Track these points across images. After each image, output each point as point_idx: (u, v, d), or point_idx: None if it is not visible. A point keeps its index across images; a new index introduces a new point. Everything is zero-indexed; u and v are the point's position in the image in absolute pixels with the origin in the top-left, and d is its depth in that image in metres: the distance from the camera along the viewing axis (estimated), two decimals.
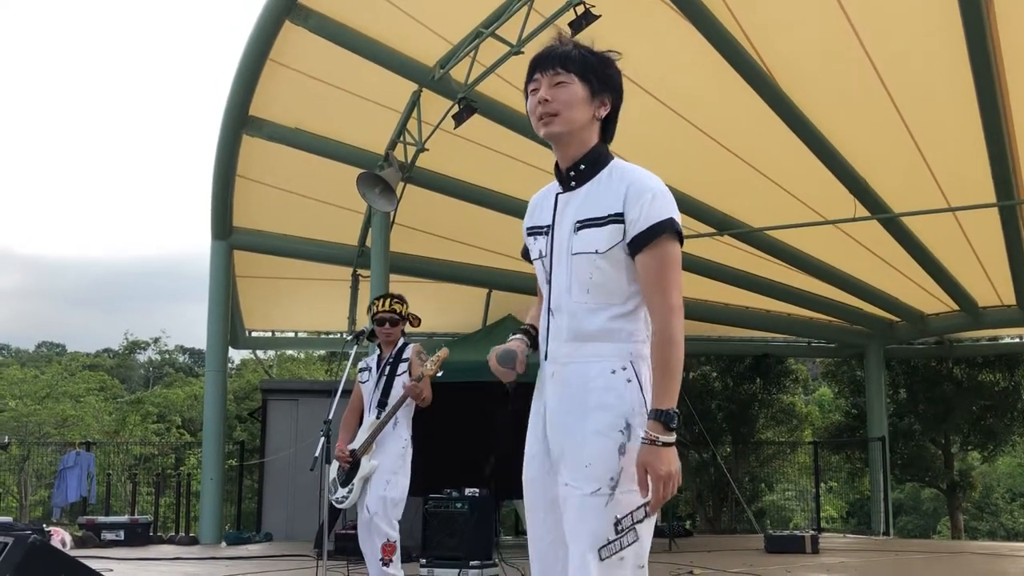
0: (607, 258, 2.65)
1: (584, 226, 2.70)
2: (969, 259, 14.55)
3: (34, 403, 28.46)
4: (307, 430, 14.50)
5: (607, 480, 2.57)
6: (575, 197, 2.77)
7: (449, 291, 16.41)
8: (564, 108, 2.74)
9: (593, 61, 2.80)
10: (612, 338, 2.66)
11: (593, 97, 2.76)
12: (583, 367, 2.67)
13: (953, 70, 9.91)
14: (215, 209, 14.53)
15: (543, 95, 2.79)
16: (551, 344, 2.75)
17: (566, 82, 2.76)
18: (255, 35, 11.37)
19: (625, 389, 2.63)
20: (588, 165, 2.76)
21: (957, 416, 20.97)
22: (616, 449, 2.58)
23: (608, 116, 2.81)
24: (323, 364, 34.65)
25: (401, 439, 5.79)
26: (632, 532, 2.58)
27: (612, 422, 2.60)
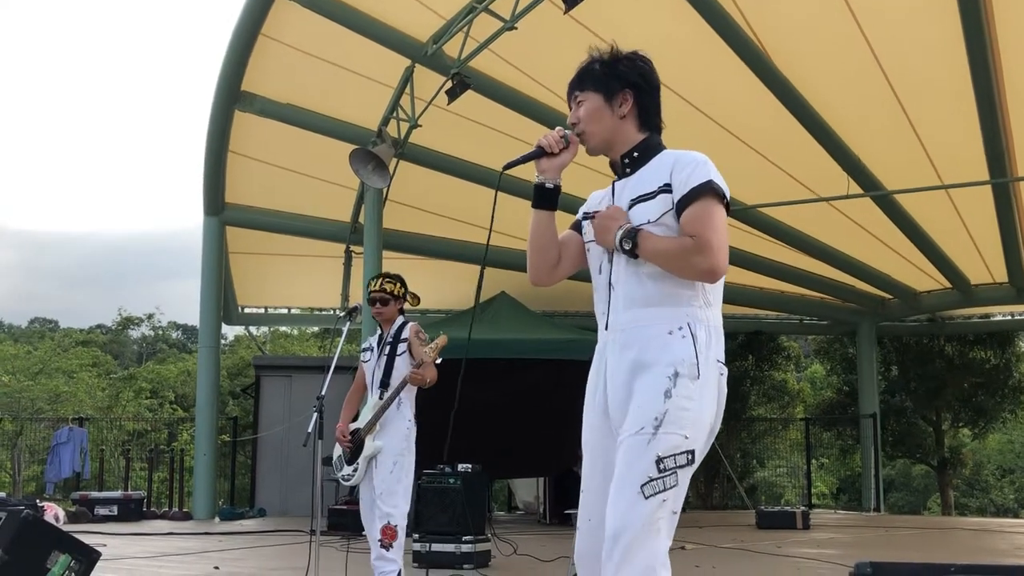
0: (659, 226, 2.80)
1: (638, 202, 2.87)
2: (962, 237, 14.58)
3: (27, 379, 28.41)
4: (300, 406, 14.52)
5: (651, 420, 2.67)
6: (629, 182, 2.93)
7: (442, 268, 16.41)
8: (587, 123, 2.95)
9: (600, 69, 2.98)
10: (667, 303, 2.80)
11: (610, 100, 2.94)
12: (640, 331, 2.80)
13: (947, 47, 9.90)
14: (207, 185, 14.49)
15: (570, 119, 3.00)
16: (612, 315, 2.88)
17: (584, 100, 2.97)
18: (247, 10, 11.30)
19: (678, 343, 2.76)
20: (640, 152, 2.94)
21: (948, 393, 21.07)
22: (662, 392, 2.70)
23: (640, 108, 2.96)
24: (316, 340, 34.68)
25: (405, 419, 5.80)
26: (674, 475, 2.66)
27: (661, 370, 2.72)
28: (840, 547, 10.22)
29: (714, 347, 2.84)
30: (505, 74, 11.47)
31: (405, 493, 5.74)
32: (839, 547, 10.21)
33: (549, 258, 3.04)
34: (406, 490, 5.75)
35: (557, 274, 3.09)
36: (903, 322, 20.07)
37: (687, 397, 2.71)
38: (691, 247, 2.75)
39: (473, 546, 8.14)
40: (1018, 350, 21.57)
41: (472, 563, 8.06)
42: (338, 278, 16.21)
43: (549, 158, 2.93)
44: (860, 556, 4.40)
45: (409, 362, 5.81)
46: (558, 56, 11.18)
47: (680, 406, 2.69)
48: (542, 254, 3.04)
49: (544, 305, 16.75)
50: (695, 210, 2.79)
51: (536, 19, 9.63)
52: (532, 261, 3.06)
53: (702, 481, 21.36)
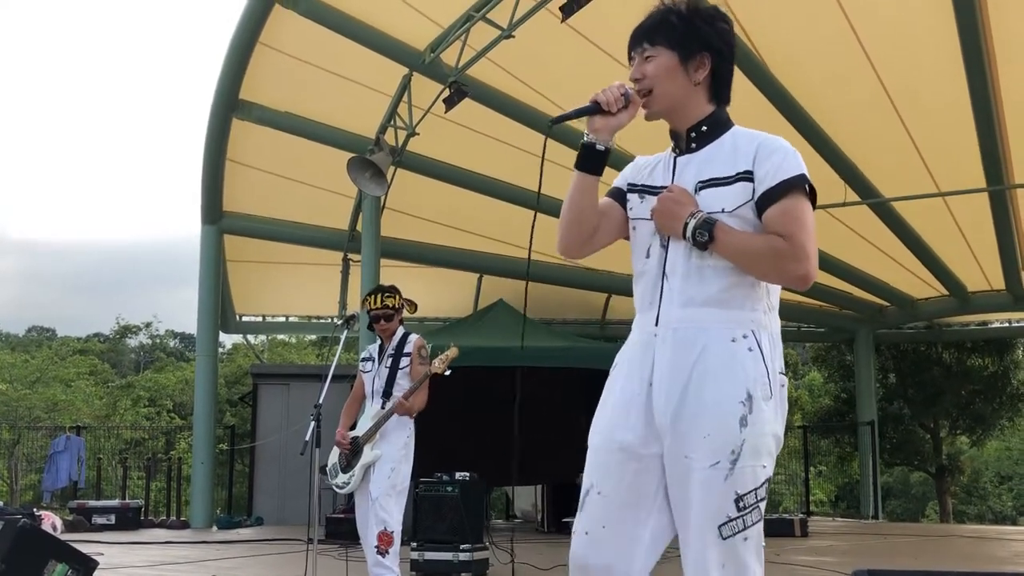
0: (734, 217, 2.50)
1: (708, 185, 2.55)
2: (959, 244, 14.59)
3: (24, 387, 28.40)
4: (298, 415, 14.51)
5: (727, 453, 2.41)
6: (695, 159, 2.62)
7: (440, 276, 16.42)
8: (656, 82, 2.61)
9: (680, 25, 2.64)
10: (731, 304, 2.53)
11: (686, 63, 2.62)
12: (699, 333, 2.51)
13: (944, 55, 9.92)
14: (205, 194, 14.49)
15: (633, 74, 2.65)
16: (663, 308, 2.56)
17: (653, 55, 2.62)
18: (245, 18, 11.32)
19: (747, 358, 2.48)
20: (709, 127, 2.64)
21: (946, 400, 21.07)
22: (737, 420, 2.43)
23: (715, 77, 2.67)
24: (314, 349, 34.65)
25: (406, 428, 5.82)
26: (755, 510, 2.44)
27: (732, 392, 2.44)
28: (838, 555, 10.21)
29: (778, 358, 2.57)
30: (503, 82, 11.49)
31: (400, 500, 5.75)
32: (837, 555, 10.20)
33: (587, 228, 2.66)
34: (401, 497, 5.76)
35: (592, 246, 2.72)
36: (901, 329, 20.07)
37: (763, 422, 2.46)
38: (784, 250, 2.47)
39: (471, 555, 8.13)
40: (1016, 357, 21.59)
41: (470, 572, 8.05)
42: (336, 286, 16.21)
43: (604, 116, 2.58)
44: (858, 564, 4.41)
45: (409, 376, 5.84)
46: (555, 64, 11.22)
47: (757, 433, 2.44)
48: (580, 222, 2.66)
49: (542, 313, 16.75)
50: (786, 207, 2.49)
51: (533, 28, 9.64)
52: (568, 229, 2.67)
53: None
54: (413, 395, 5.77)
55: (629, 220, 2.70)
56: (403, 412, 5.74)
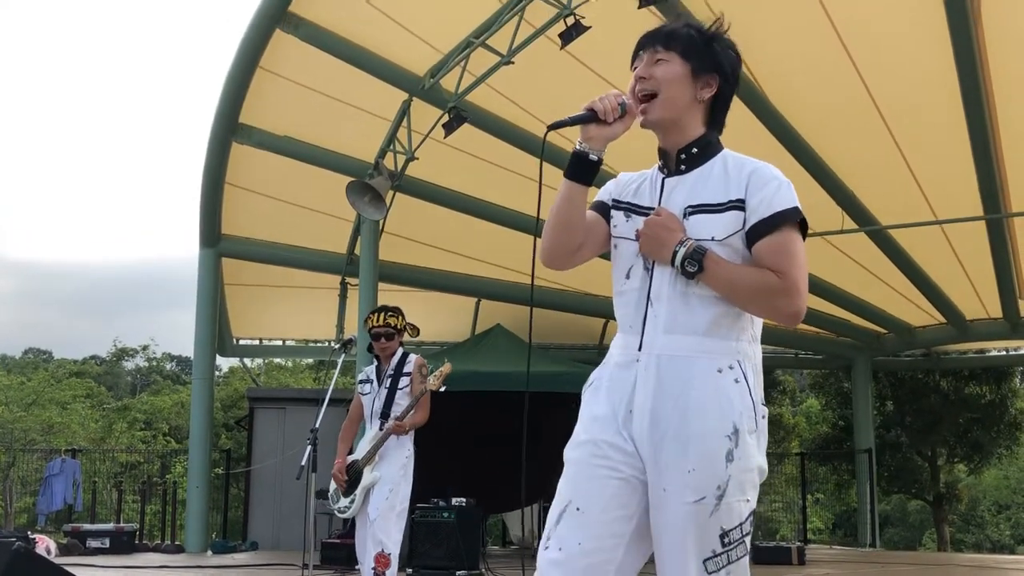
0: (724, 246, 2.45)
1: (698, 211, 2.49)
2: (956, 272, 14.61)
3: (20, 409, 28.30)
4: (294, 439, 14.46)
5: (713, 489, 2.37)
6: (684, 181, 2.56)
7: (438, 300, 16.41)
8: (662, 86, 2.55)
9: (699, 39, 2.61)
10: (716, 334, 2.46)
11: (696, 77, 2.57)
12: (684, 362, 2.44)
13: (941, 83, 9.96)
14: (204, 217, 14.50)
15: (640, 72, 2.59)
16: (647, 334, 2.49)
17: (665, 59, 2.57)
18: (245, 43, 11.36)
19: (732, 390, 2.42)
20: (701, 149, 2.59)
21: (944, 428, 21.04)
22: (723, 455, 2.37)
23: (716, 101, 2.64)
24: (311, 372, 34.59)
25: (405, 449, 5.81)
26: (742, 545, 2.40)
27: (718, 426, 2.39)
28: None
29: (760, 389, 2.51)
30: (501, 108, 11.53)
31: (399, 521, 5.74)
32: None
33: (573, 239, 2.59)
34: (400, 518, 5.75)
35: (577, 259, 2.64)
36: (898, 357, 20.06)
37: (748, 456, 2.41)
38: (777, 286, 2.41)
39: None
40: (1013, 386, 21.58)
41: None
42: (333, 310, 16.20)
43: (599, 125, 2.52)
44: None
45: (409, 396, 5.83)
46: (554, 90, 11.26)
47: (743, 468, 2.40)
48: (566, 233, 2.58)
49: (540, 338, 16.74)
50: (779, 241, 2.43)
51: (532, 54, 9.69)
52: (554, 240, 2.59)
53: None
54: (411, 413, 5.76)
55: (612, 237, 2.64)
56: (399, 432, 5.73)
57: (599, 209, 2.67)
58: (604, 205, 2.67)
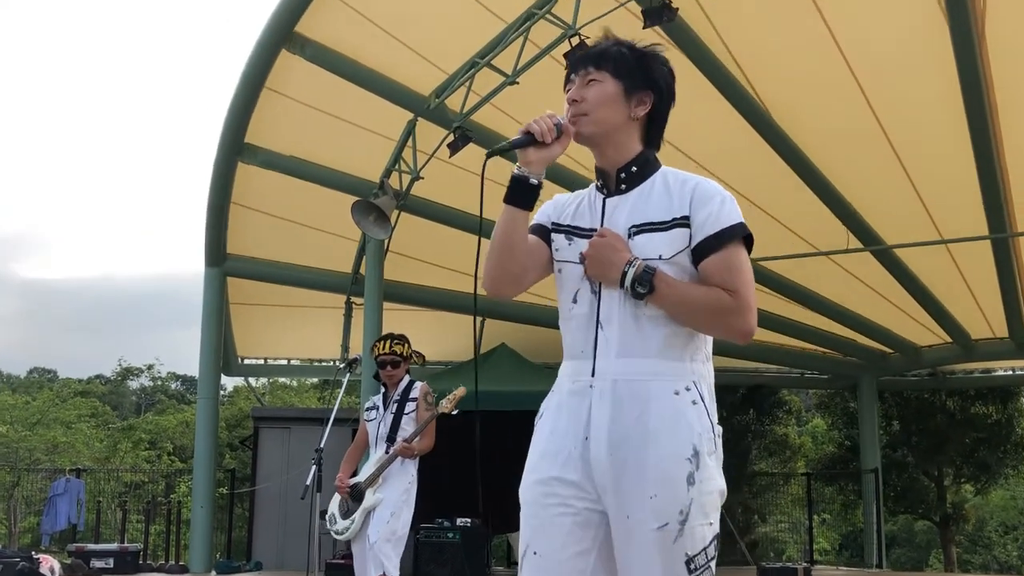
0: (671, 265, 2.41)
1: (642, 230, 2.45)
2: (962, 291, 14.58)
3: (25, 429, 28.28)
4: (298, 458, 14.43)
5: (675, 514, 2.31)
6: (625, 201, 2.53)
7: (443, 319, 16.40)
8: (594, 107, 2.53)
9: (630, 57, 2.59)
10: (671, 355, 2.41)
11: (628, 95, 2.55)
12: (640, 387, 2.39)
13: (945, 103, 9.98)
14: (209, 236, 14.52)
15: (572, 95, 2.58)
16: (599, 359, 2.44)
17: (597, 80, 2.56)
18: (251, 63, 11.41)
19: (691, 412, 2.38)
20: (640, 167, 2.55)
21: (950, 448, 20.94)
22: (684, 479, 2.32)
23: (652, 118, 2.61)
24: (315, 392, 34.56)
25: (408, 474, 5.82)
26: (707, 571, 2.35)
27: (678, 450, 2.34)
28: None
29: (715, 410, 2.47)
30: (507, 127, 11.54)
31: (399, 546, 5.74)
32: None
33: (516, 265, 2.54)
34: (399, 543, 5.75)
35: (522, 285, 2.59)
36: (904, 376, 20.00)
37: (709, 478, 2.37)
38: (730, 305, 2.38)
39: None
40: (1020, 405, 21.47)
41: None
42: (338, 329, 16.20)
43: (538, 148, 2.49)
44: None
45: (414, 422, 5.84)
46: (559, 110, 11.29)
47: (704, 491, 2.35)
48: (510, 260, 2.53)
49: (545, 357, 16.70)
50: (727, 258, 2.41)
51: (537, 74, 9.72)
52: (497, 267, 2.54)
53: None
54: (419, 438, 5.76)
55: (555, 261, 2.59)
56: (407, 455, 5.73)
57: (538, 232, 2.62)
58: (543, 228, 2.62)
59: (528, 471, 2.52)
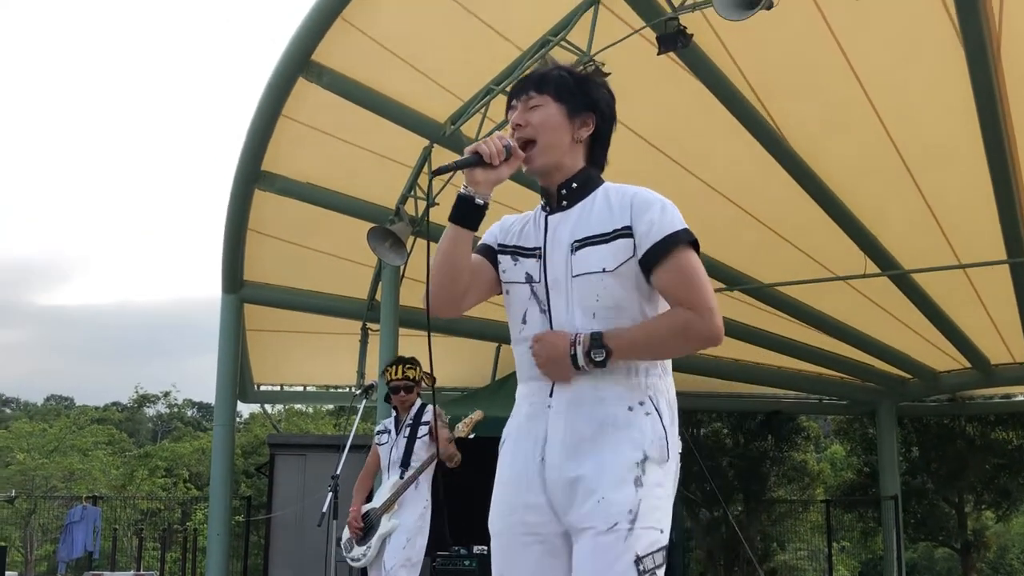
0: (616, 276, 2.41)
1: (584, 244, 2.45)
2: (981, 316, 14.49)
3: (41, 456, 28.35)
4: (315, 486, 14.39)
5: (624, 514, 2.28)
6: (568, 217, 2.54)
7: (458, 345, 16.37)
8: (539, 132, 2.53)
9: (570, 80, 2.62)
10: (626, 372, 2.40)
11: (572, 117, 2.56)
12: (595, 405, 2.39)
13: (962, 126, 9.94)
14: (226, 263, 14.56)
15: (516, 119, 2.59)
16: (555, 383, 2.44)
17: (540, 104, 2.57)
18: (268, 91, 11.47)
19: (644, 421, 2.37)
20: (580, 183, 2.56)
21: (970, 475, 20.77)
22: (631, 481, 2.30)
23: (595, 139, 2.62)
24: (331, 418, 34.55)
25: (422, 499, 5.81)
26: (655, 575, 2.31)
27: (628, 454, 2.33)
28: None
29: (675, 424, 2.45)
30: None
31: (414, 571, 5.71)
32: None
33: (460, 285, 2.55)
34: (415, 569, 5.72)
35: (463, 304, 2.60)
36: (923, 402, 19.87)
37: (658, 484, 2.35)
38: (693, 320, 2.35)
39: None
40: None
41: None
42: (354, 356, 16.19)
43: (486, 169, 2.50)
44: None
45: (429, 445, 5.82)
46: None
47: (653, 495, 2.32)
48: (453, 280, 2.53)
49: None
50: (677, 267, 2.39)
51: None
52: (441, 287, 2.54)
53: (722, 565, 21.03)
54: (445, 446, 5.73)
55: (502, 283, 2.61)
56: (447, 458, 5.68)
57: (484, 253, 2.65)
58: (490, 249, 2.66)
59: (495, 501, 2.53)
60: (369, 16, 10.11)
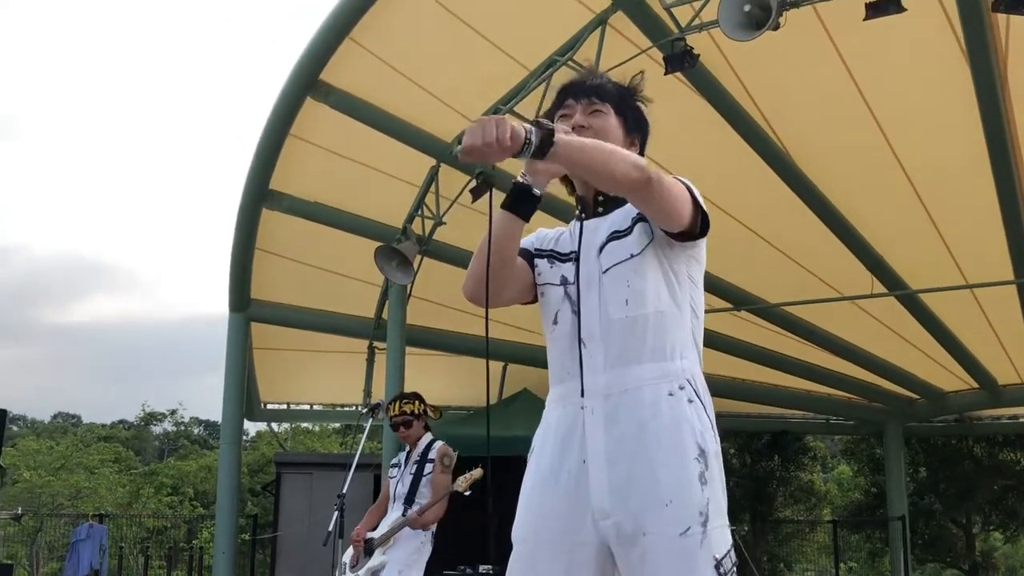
0: (643, 260, 2.41)
1: (612, 239, 2.47)
2: (988, 336, 14.46)
3: (48, 474, 28.36)
4: (321, 504, 14.37)
5: (696, 516, 2.21)
6: (602, 223, 2.55)
7: (465, 364, 16.37)
8: (601, 137, 2.45)
9: (628, 97, 2.65)
10: (658, 356, 2.36)
11: (627, 133, 2.60)
12: (633, 395, 2.33)
13: (969, 147, 9.95)
14: (233, 281, 14.59)
15: (578, 121, 2.53)
16: (586, 378, 2.39)
17: (602, 111, 2.56)
18: (276, 111, 11.53)
19: (689, 411, 2.32)
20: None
21: (978, 495, 20.68)
22: (696, 478, 2.24)
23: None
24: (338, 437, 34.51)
25: (420, 534, 5.79)
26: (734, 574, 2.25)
27: (684, 451, 2.26)
28: None
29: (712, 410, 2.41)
30: None
31: None
32: None
33: (502, 274, 2.47)
34: None
35: (503, 296, 2.53)
36: (931, 423, 19.79)
37: (718, 478, 2.31)
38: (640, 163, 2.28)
39: None
40: None
41: None
42: (361, 374, 16.19)
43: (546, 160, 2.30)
44: None
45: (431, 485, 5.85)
46: None
47: (717, 489, 2.28)
48: (499, 265, 2.42)
49: None
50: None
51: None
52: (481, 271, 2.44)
53: None
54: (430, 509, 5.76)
55: (537, 285, 2.60)
56: (416, 527, 5.73)
57: (523, 256, 2.60)
58: (527, 252, 2.62)
59: (522, 507, 2.46)
60: (377, 36, 10.17)
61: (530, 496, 2.44)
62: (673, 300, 2.45)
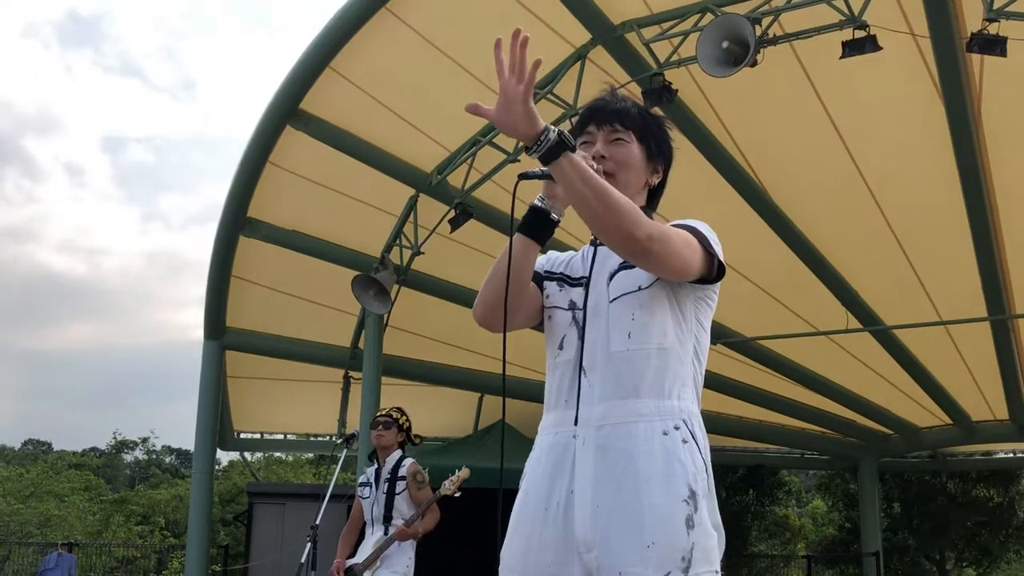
0: (651, 293, 2.35)
1: (622, 268, 2.42)
2: (961, 373, 14.55)
3: (17, 502, 28.00)
4: (293, 535, 14.25)
5: (678, 561, 2.16)
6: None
7: (441, 395, 16.34)
8: (621, 169, 2.44)
9: (652, 123, 2.57)
10: (656, 393, 2.30)
11: (649, 161, 2.52)
12: (625, 428, 2.27)
13: (943, 184, 10.06)
14: (209, 309, 14.51)
15: (599, 150, 2.47)
16: (581, 408, 2.35)
17: (624, 140, 2.49)
18: (256, 138, 11.51)
19: (683, 451, 2.26)
20: None
21: (952, 531, 20.75)
22: (682, 521, 2.18)
23: (660, 186, 2.59)
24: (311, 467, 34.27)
25: (406, 556, 5.75)
26: None
27: (674, 491, 2.21)
28: None
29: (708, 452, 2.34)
30: (507, 204, 11.58)
31: None
32: None
33: (519, 296, 2.44)
34: None
35: (512, 323, 2.46)
36: (905, 458, 19.88)
37: (709, 522, 2.25)
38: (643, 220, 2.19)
39: None
40: (1021, 488, 21.33)
41: None
42: (336, 404, 16.11)
43: None
44: None
45: (409, 501, 5.79)
46: None
47: (705, 534, 2.23)
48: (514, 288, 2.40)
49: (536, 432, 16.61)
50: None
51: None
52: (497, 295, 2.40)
53: None
54: (420, 519, 5.70)
55: (545, 308, 2.55)
56: (406, 538, 5.67)
57: (532, 278, 2.56)
58: (537, 275, 2.58)
59: (509, 541, 2.42)
60: (357, 66, 10.19)
61: (519, 524, 2.41)
62: (677, 339, 2.39)
